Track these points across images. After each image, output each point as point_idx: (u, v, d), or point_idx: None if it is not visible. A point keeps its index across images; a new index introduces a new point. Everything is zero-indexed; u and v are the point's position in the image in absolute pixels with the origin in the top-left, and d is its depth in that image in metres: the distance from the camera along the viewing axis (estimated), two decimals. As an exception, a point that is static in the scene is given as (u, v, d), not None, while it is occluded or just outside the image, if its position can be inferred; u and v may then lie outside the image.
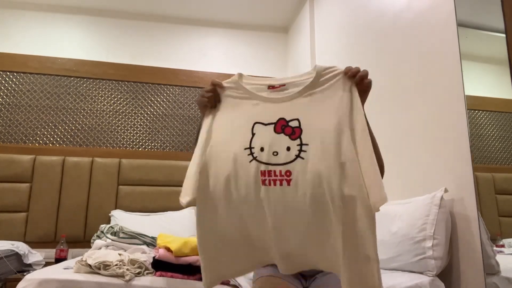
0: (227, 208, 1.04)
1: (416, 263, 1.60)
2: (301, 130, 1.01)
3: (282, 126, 1.02)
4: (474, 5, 1.64)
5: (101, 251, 1.68)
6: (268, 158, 1.00)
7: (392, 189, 2.15)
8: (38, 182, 3.15)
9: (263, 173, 0.99)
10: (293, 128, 1.01)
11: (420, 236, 1.61)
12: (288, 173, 0.98)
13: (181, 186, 1.05)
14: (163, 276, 1.48)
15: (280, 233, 1.02)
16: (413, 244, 1.63)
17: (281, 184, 0.99)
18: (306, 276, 1.39)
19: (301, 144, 0.99)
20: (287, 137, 1.01)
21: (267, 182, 0.99)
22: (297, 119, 1.02)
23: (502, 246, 1.46)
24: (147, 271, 1.51)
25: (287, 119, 1.02)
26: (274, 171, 0.99)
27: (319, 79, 1.04)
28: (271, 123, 1.03)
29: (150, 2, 3.75)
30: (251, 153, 1.01)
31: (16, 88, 3.43)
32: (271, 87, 1.07)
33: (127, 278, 1.40)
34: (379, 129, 2.34)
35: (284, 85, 1.07)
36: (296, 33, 3.93)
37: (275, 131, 1.02)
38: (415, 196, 1.79)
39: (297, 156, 0.99)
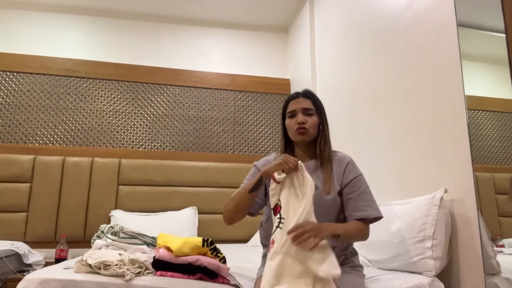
0: None
1: (416, 263, 1.60)
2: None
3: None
4: (474, 5, 1.64)
5: (101, 251, 1.67)
6: None
7: (392, 189, 2.15)
8: (38, 182, 3.16)
9: None
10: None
11: (419, 236, 1.61)
12: None
13: (180, 186, 1.06)
14: (163, 275, 1.48)
15: None
16: (413, 244, 1.62)
17: None
18: None
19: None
20: None
21: None
22: None
23: (502, 246, 1.46)
24: (147, 271, 1.51)
25: None
26: None
27: None
28: None
29: (150, 2, 3.76)
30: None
31: (16, 88, 3.43)
32: None
33: (127, 277, 1.40)
34: (379, 129, 2.34)
35: None
36: (296, 33, 3.93)
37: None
38: (415, 196, 1.79)
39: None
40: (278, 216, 1.29)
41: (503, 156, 1.47)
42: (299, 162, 1.35)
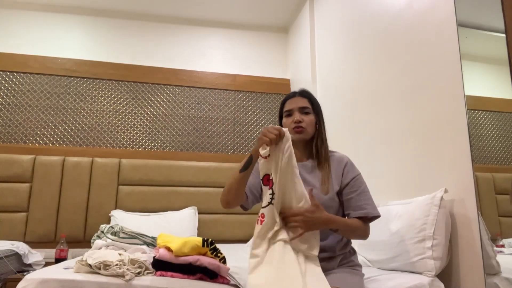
0: None
1: (416, 263, 1.60)
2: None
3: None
4: (474, 5, 1.64)
5: (101, 251, 1.68)
6: None
7: (392, 189, 2.15)
8: (38, 182, 3.16)
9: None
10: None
11: (419, 236, 1.61)
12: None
13: (180, 186, 1.07)
14: (163, 275, 1.48)
15: None
16: (413, 244, 1.62)
17: None
18: None
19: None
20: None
21: None
22: None
23: (502, 246, 1.46)
24: (147, 271, 1.51)
25: None
26: None
27: None
28: None
29: (151, 2, 3.76)
30: None
31: (16, 88, 3.43)
32: None
33: (127, 277, 1.40)
34: (379, 129, 2.34)
35: None
36: (296, 33, 3.93)
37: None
38: (415, 196, 1.79)
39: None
40: (271, 191, 1.29)
41: (503, 156, 1.47)
42: (284, 129, 1.30)
